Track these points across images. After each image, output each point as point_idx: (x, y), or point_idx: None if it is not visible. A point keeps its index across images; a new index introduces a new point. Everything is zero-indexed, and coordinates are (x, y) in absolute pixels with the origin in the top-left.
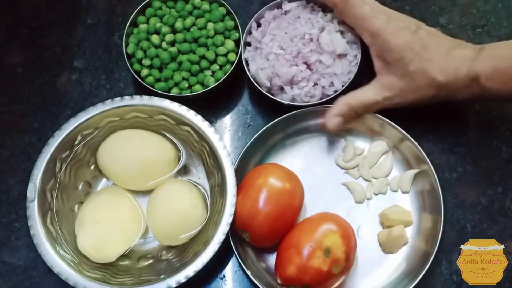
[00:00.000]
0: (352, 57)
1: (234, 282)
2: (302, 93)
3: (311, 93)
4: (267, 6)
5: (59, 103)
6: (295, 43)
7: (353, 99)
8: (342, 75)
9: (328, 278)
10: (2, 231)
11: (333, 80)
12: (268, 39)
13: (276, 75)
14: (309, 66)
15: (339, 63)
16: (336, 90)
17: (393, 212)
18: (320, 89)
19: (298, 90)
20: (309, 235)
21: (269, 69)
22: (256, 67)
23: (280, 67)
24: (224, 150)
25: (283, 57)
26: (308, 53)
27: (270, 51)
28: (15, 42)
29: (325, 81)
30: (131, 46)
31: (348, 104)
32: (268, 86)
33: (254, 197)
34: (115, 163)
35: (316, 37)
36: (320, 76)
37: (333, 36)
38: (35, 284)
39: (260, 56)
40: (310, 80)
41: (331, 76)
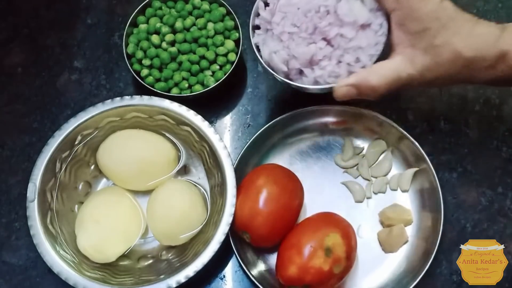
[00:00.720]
0: (378, 26)
1: (234, 282)
2: (325, 74)
3: (335, 72)
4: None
5: (59, 103)
6: (310, 18)
7: (375, 73)
8: (368, 48)
9: (329, 278)
10: (2, 231)
11: (358, 55)
12: (279, 17)
13: (292, 57)
14: (330, 42)
15: (363, 35)
16: (363, 65)
17: (393, 211)
18: (345, 66)
19: (320, 71)
20: (310, 235)
21: (284, 51)
22: (268, 51)
23: (296, 47)
24: (224, 150)
25: (298, 35)
26: (326, 27)
27: (283, 31)
28: (15, 42)
29: (349, 57)
30: (131, 46)
31: (365, 78)
32: (285, 70)
33: (254, 197)
34: (115, 163)
35: (334, 9)
36: (343, 52)
37: (353, 5)
38: (35, 284)
39: (272, 38)
40: (332, 58)
41: (356, 50)
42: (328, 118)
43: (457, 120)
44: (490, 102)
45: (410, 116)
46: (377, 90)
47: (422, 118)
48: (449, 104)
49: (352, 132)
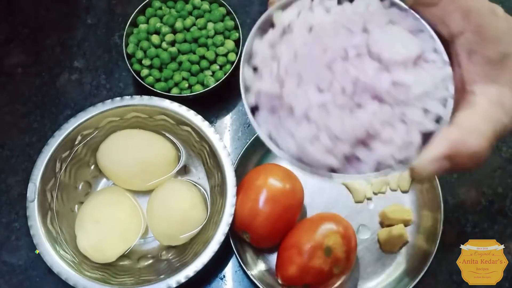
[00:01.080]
0: (433, 53)
1: (234, 282)
2: (394, 150)
3: (405, 141)
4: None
5: (59, 103)
6: (341, 71)
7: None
8: (435, 90)
9: (329, 278)
10: (2, 231)
11: (425, 104)
12: (293, 84)
13: (335, 139)
14: (383, 99)
15: (421, 73)
16: (438, 116)
17: (393, 211)
18: (415, 128)
19: (383, 148)
20: (310, 235)
21: (324, 135)
22: (295, 143)
23: (338, 122)
24: (224, 150)
25: (333, 104)
26: (370, 77)
27: (309, 104)
28: (15, 42)
29: (415, 112)
30: (131, 46)
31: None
32: (331, 162)
33: (254, 197)
34: (115, 163)
35: (365, 46)
36: (404, 108)
37: (391, 33)
38: (35, 284)
39: (294, 121)
40: (395, 122)
41: (421, 99)
42: None
43: None
44: None
45: None
46: (480, 157)
47: None
48: None
49: None
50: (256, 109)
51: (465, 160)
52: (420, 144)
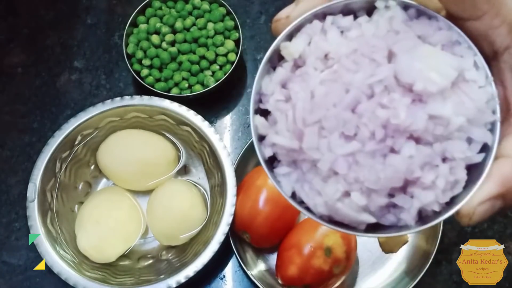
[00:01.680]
0: (472, 70)
1: (234, 282)
2: (437, 194)
3: (450, 182)
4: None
5: (59, 103)
6: (369, 113)
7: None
8: (480, 114)
9: (329, 278)
10: (2, 231)
11: (469, 133)
12: (313, 136)
13: (370, 192)
14: (418, 139)
15: (461, 98)
16: (484, 143)
17: None
18: (460, 164)
19: (426, 194)
20: (310, 235)
21: (355, 191)
22: (322, 201)
23: (371, 173)
24: (224, 150)
25: (363, 152)
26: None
27: (335, 157)
28: (15, 42)
29: (458, 145)
30: (131, 46)
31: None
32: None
33: (254, 197)
34: (115, 163)
35: (393, 77)
36: (445, 143)
37: (423, 54)
38: (35, 284)
39: (319, 176)
40: (435, 162)
41: (463, 129)
42: None
43: None
44: None
45: None
46: None
47: None
48: None
49: None
50: (274, 161)
51: None
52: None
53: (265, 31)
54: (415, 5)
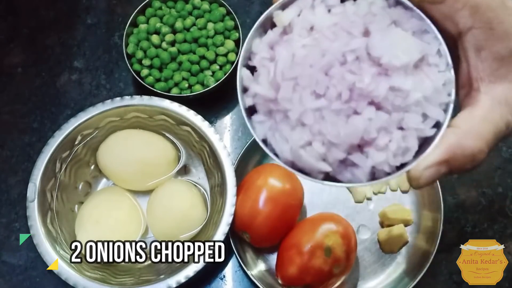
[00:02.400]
0: (436, 56)
1: (234, 282)
2: (388, 156)
3: (402, 148)
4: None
5: (59, 103)
6: (339, 77)
7: (467, 134)
8: (436, 95)
9: (329, 278)
10: (2, 231)
11: (425, 109)
12: (289, 89)
13: (331, 145)
14: (379, 105)
15: (422, 77)
16: (437, 121)
17: (392, 211)
18: (413, 134)
19: (379, 154)
20: (310, 235)
21: (317, 141)
22: (288, 148)
23: (333, 128)
24: (224, 150)
25: (329, 109)
26: (369, 83)
27: (304, 109)
28: (15, 42)
29: (414, 117)
30: (131, 46)
31: (459, 146)
32: (326, 169)
33: (254, 197)
34: (115, 163)
35: (365, 50)
36: (402, 114)
37: (393, 36)
38: (35, 284)
39: (287, 124)
40: (391, 128)
41: (419, 104)
42: None
43: None
44: None
45: None
46: (478, 158)
47: None
48: None
49: None
50: (253, 111)
51: (462, 162)
52: (417, 150)
53: None
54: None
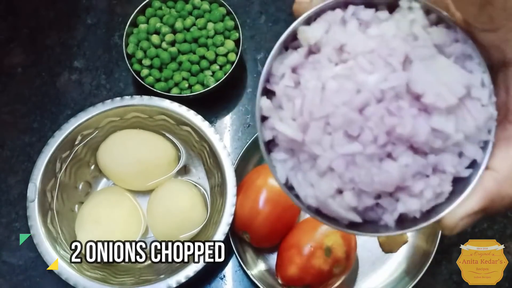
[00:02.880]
0: (479, 88)
1: (234, 282)
2: (423, 203)
3: (436, 193)
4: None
5: (59, 103)
6: (376, 118)
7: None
8: (476, 133)
9: (329, 278)
10: (2, 231)
11: (463, 148)
12: (318, 131)
13: (361, 193)
14: (418, 150)
15: (464, 114)
16: (471, 162)
17: None
18: (449, 177)
19: (413, 201)
20: (310, 235)
21: (349, 191)
22: (313, 193)
23: (365, 175)
24: (224, 150)
25: (362, 155)
26: (409, 128)
27: (335, 156)
28: (15, 42)
29: (449, 160)
30: (131, 46)
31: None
32: (354, 219)
33: (254, 197)
34: (115, 163)
35: (405, 84)
36: (439, 156)
37: (436, 67)
38: (35, 284)
39: (312, 169)
40: (426, 172)
41: (458, 145)
42: None
43: None
44: None
45: None
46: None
47: None
48: None
49: None
50: (272, 144)
51: (499, 209)
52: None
53: (265, 31)
54: (437, 11)
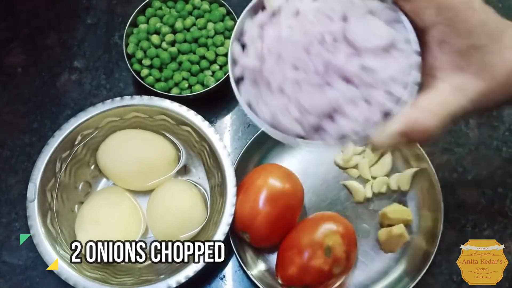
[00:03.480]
0: (404, 43)
1: (234, 282)
2: (352, 124)
3: (367, 118)
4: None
5: (59, 103)
6: (316, 54)
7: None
8: (401, 75)
9: (329, 278)
10: (2, 231)
11: (389, 87)
12: (272, 61)
13: (305, 112)
14: (350, 80)
15: (390, 60)
16: (399, 100)
17: (392, 211)
18: (377, 106)
19: (345, 122)
20: (310, 235)
21: (294, 107)
22: (270, 112)
23: (308, 97)
24: (224, 150)
25: (305, 81)
26: (341, 60)
27: (283, 79)
28: (15, 42)
29: (380, 93)
30: (131, 46)
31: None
32: (299, 132)
33: (254, 197)
34: (115, 163)
35: (342, 33)
36: (369, 90)
37: (367, 22)
38: (35, 284)
39: (270, 92)
40: (359, 101)
41: (386, 83)
42: None
43: None
44: None
45: None
46: (432, 134)
47: None
48: None
49: None
50: (241, 80)
51: (418, 136)
52: (380, 121)
53: None
54: None
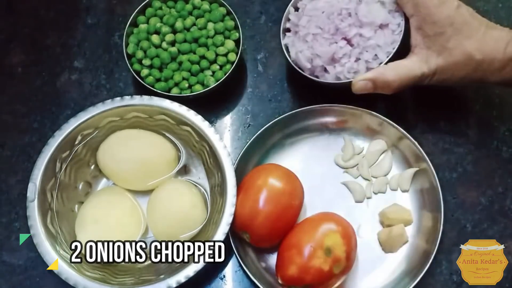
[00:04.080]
0: (395, 26)
1: (234, 282)
2: (344, 70)
3: (354, 68)
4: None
5: (59, 103)
6: (332, 20)
7: (390, 70)
8: (385, 46)
9: (329, 278)
10: (2, 231)
11: (376, 52)
12: (305, 20)
13: (316, 56)
14: (349, 42)
15: (381, 34)
16: (381, 62)
17: (393, 211)
18: (363, 63)
19: (340, 68)
20: (310, 235)
21: (308, 51)
22: (295, 51)
23: (319, 47)
24: (224, 150)
25: (321, 36)
26: (346, 27)
27: (308, 32)
28: (15, 42)
29: (368, 55)
30: (131, 46)
31: (382, 74)
32: (309, 68)
33: (254, 197)
34: (115, 163)
35: (354, 11)
36: (362, 50)
37: (372, 7)
38: (35, 284)
39: (299, 39)
40: (351, 56)
41: (374, 48)
42: (328, 118)
43: (457, 120)
44: (490, 102)
45: (410, 116)
46: (391, 85)
47: (422, 118)
48: (449, 104)
49: (352, 132)
50: (288, 31)
51: (382, 86)
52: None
53: (265, 31)
54: None
